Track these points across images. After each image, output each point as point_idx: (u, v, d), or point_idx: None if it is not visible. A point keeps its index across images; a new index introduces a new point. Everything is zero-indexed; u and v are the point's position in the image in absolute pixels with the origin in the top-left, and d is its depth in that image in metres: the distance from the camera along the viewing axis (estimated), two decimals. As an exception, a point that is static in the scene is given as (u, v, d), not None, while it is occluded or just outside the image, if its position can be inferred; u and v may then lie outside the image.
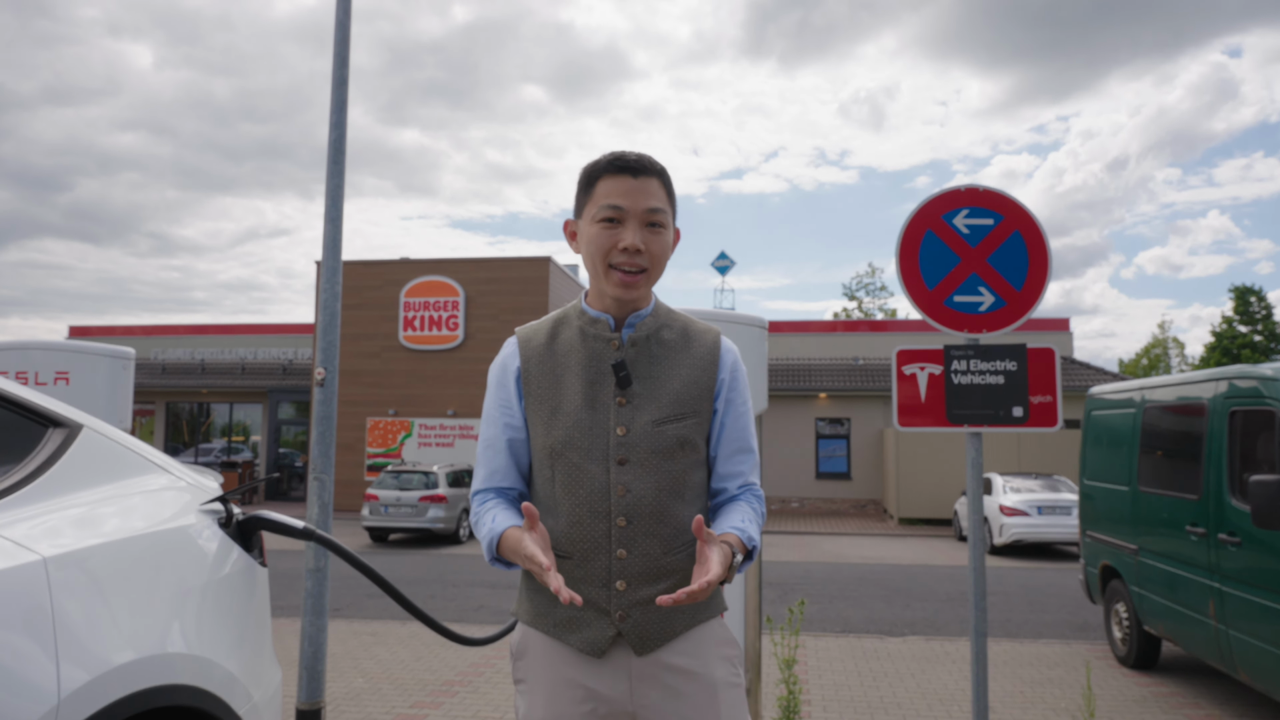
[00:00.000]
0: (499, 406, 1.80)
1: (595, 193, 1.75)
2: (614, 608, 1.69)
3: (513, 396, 1.79)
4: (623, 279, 1.73)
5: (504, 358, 1.83)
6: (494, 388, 1.82)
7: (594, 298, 1.82)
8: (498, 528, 1.68)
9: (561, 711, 1.69)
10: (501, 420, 1.79)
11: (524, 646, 1.77)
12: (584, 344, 1.78)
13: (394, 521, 15.87)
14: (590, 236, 1.74)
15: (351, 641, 7.67)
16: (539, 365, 1.79)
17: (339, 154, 3.90)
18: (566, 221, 1.85)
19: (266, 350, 26.85)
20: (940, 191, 3.54)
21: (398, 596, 2.58)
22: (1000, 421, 3.47)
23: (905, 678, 6.52)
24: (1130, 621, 6.73)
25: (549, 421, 1.74)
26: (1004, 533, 14.58)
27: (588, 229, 1.75)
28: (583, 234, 1.77)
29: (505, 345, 1.86)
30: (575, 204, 1.81)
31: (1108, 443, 7.17)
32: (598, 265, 1.75)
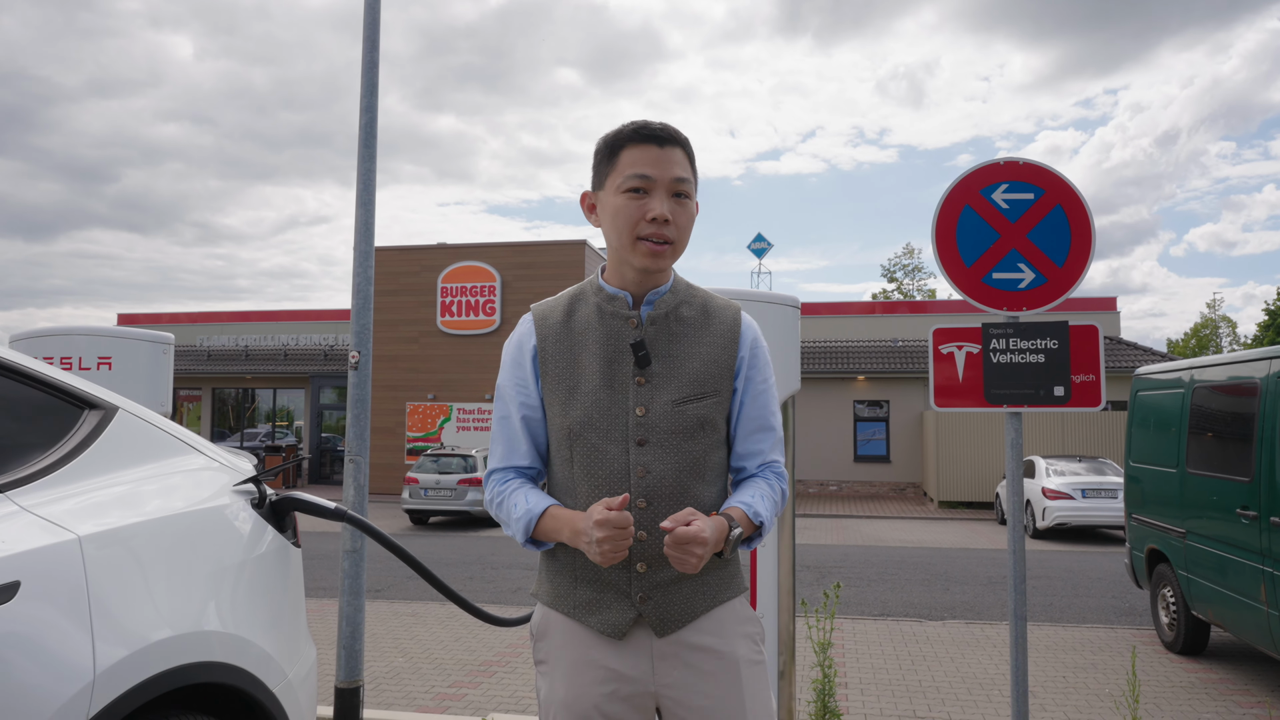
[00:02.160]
0: (515, 385, 1.75)
1: (619, 162, 1.69)
2: (635, 590, 1.68)
3: (529, 376, 1.74)
4: (651, 249, 1.67)
5: (519, 335, 1.78)
6: (509, 366, 1.77)
7: (612, 273, 1.77)
8: (535, 508, 1.66)
9: (583, 692, 1.66)
10: (518, 399, 1.74)
11: (544, 628, 1.75)
12: (601, 322, 1.73)
13: (433, 504, 16.07)
14: (616, 207, 1.68)
15: (392, 622, 7.79)
16: (555, 344, 1.74)
17: (370, 138, 3.91)
18: (584, 194, 1.78)
19: (308, 336, 27.25)
20: (978, 165, 3.45)
21: (430, 577, 2.59)
22: (1041, 401, 3.38)
23: (944, 661, 6.45)
24: (1178, 606, 6.57)
25: (566, 401, 1.70)
26: (1047, 516, 14.34)
27: (612, 199, 1.70)
28: (606, 205, 1.72)
29: (520, 322, 1.81)
30: (594, 175, 1.76)
31: (1155, 424, 6.99)
32: (624, 237, 1.69)
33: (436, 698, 5.51)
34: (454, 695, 5.56)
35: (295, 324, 28.32)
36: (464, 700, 5.45)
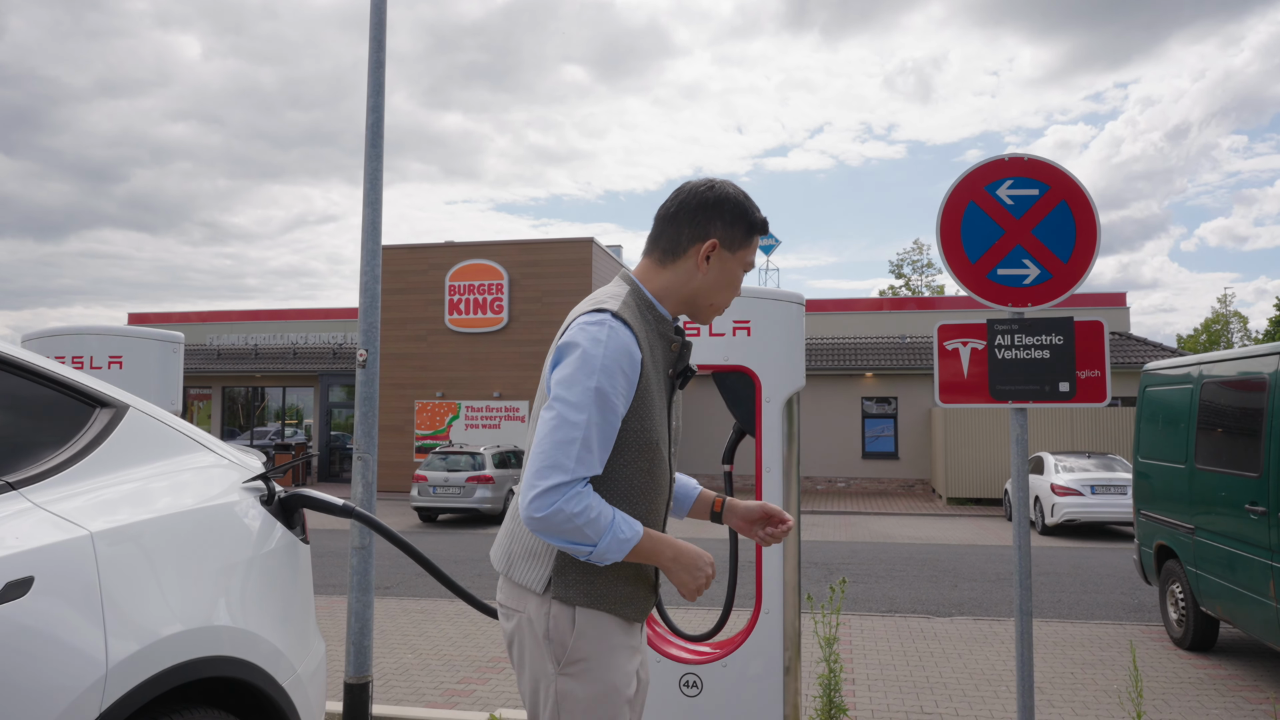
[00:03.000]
0: (622, 395, 1.74)
1: (752, 244, 1.95)
2: (656, 580, 1.93)
3: (632, 386, 1.76)
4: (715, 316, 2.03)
5: (628, 345, 1.75)
6: (618, 374, 1.73)
7: (670, 299, 1.92)
8: (639, 529, 1.75)
9: (626, 670, 1.82)
10: (619, 408, 1.74)
11: (581, 628, 1.78)
12: (661, 340, 1.89)
13: (442, 502, 16.12)
14: (734, 276, 1.94)
15: (401, 618, 7.83)
16: (649, 356, 1.82)
17: (377, 137, 3.93)
18: (714, 242, 1.89)
19: (317, 335, 27.35)
20: (983, 161, 3.45)
21: (438, 573, 2.62)
22: (1046, 397, 3.38)
23: (951, 658, 6.45)
24: (1186, 602, 6.56)
25: (649, 413, 1.81)
26: (1056, 512, 14.31)
27: (734, 269, 1.93)
28: (726, 268, 1.91)
29: (619, 330, 1.75)
30: (725, 235, 1.90)
31: (1164, 420, 6.98)
32: (718, 297, 1.95)
33: (445, 693, 5.55)
34: (462, 691, 5.60)
35: (304, 322, 28.44)
36: (472, 696, 5.49)
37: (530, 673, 1.81)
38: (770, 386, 3.25)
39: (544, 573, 1.79)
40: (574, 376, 1.71)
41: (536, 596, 1.80)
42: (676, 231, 1.90)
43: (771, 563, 3.24)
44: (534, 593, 1.80)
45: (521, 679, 1.85)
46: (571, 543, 1.69)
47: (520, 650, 1.84)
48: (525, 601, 1.81)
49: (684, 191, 1.92)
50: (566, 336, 1.77)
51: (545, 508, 1.65)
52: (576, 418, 1.69)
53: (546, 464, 1.67)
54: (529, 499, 1.67)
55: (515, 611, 1.83)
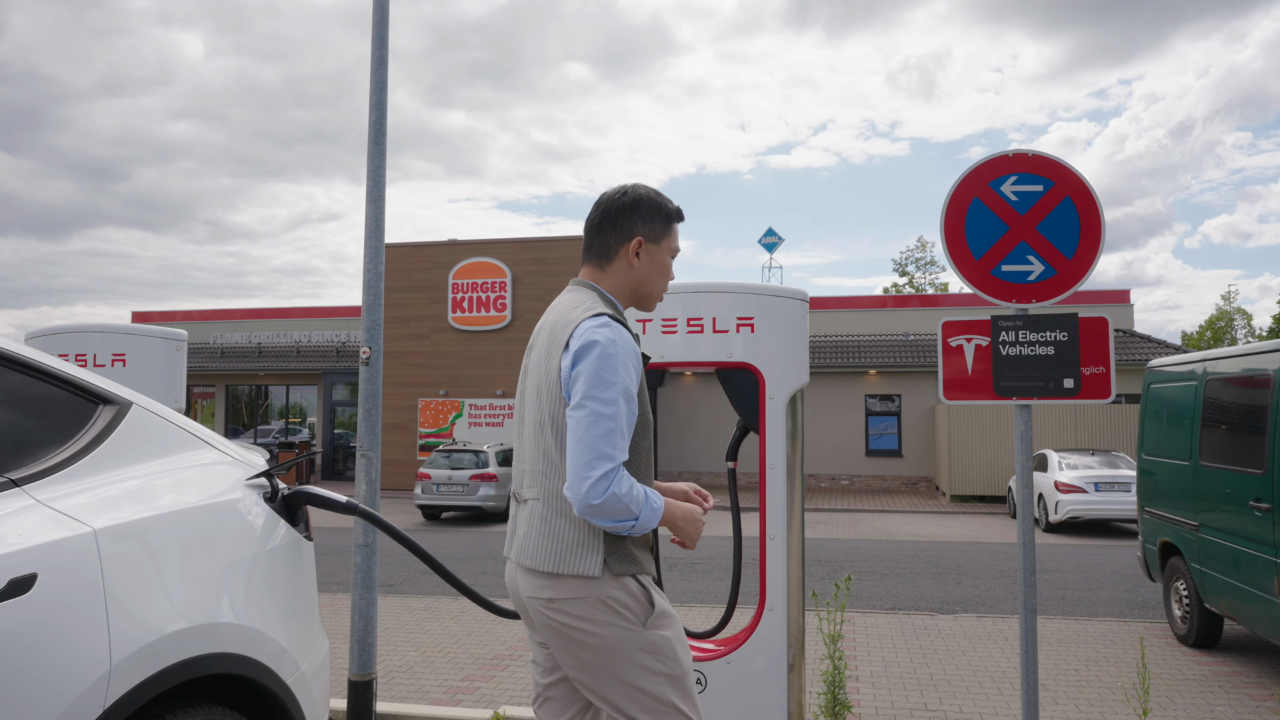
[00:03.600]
0: (637, 385, 2.03)
1: (672, 232, 2.29)
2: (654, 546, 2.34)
3: (641, 376, 2.06)
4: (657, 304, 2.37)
5: (631, 341, 2.04)
6: (633, 370, 2.01)
7: (627, 301, 2.26)
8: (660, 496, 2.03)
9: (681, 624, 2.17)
10: (636, 397, 2.03)
11: (648, 592, 2.07)
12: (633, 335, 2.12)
13: (446, 500, 16.14)
14: (664, 266, 2.27)
15: (405, 616, 7.84)
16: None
17: (380, 135, 3.92)
18: (639, 240, 2.21)
19: (320, 333, 27.39)
20: (987, 157, 3.44)
21: (441, 570, 2.62)
22: (1050, 394, 3.37)
23: (955, 655, 6.45)
24: (1191, 599, 6.55)
25: (645, 399, 2.11)
26: (1060, 510, 14.29)
27: (662, 258, 2.27)
28: (655, 259, 2.25)
29: (621, 331, 2.03)
30: (646, 230, 2.22)
31: (1168, 417, 6.96)
32: (655, 286, 2.27)
33: (449, 691, 5.55)
34: (466, 689, 5.60)
35: (308, 320, 28.46)
36: (476, 693, 5.49)
37: (611, 647, 2.00)
38: (774, 383, 3.25)
39: (598, 558, 2.01)
40: (600, 375, 1.94)
41: (597, 579, 2.00)
42: (605, 238, 2.21)
43: (775, 560, 3.24)
44: (593, 577, 2.00)
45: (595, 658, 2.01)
46: (619, 521, 1.92)
47: (588, 633, 2.00)
48: (587, 587, 2.00)
49: (604, 202, 2.23)
50: (582, 339, 1.98)
51: (602, 493, 1.87)
52: (610, 410, 1.92)
53: (594, 455, 1.89)
54: (585, 488, 1.87)
55: (574, 600, 2.00)
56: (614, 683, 2.02)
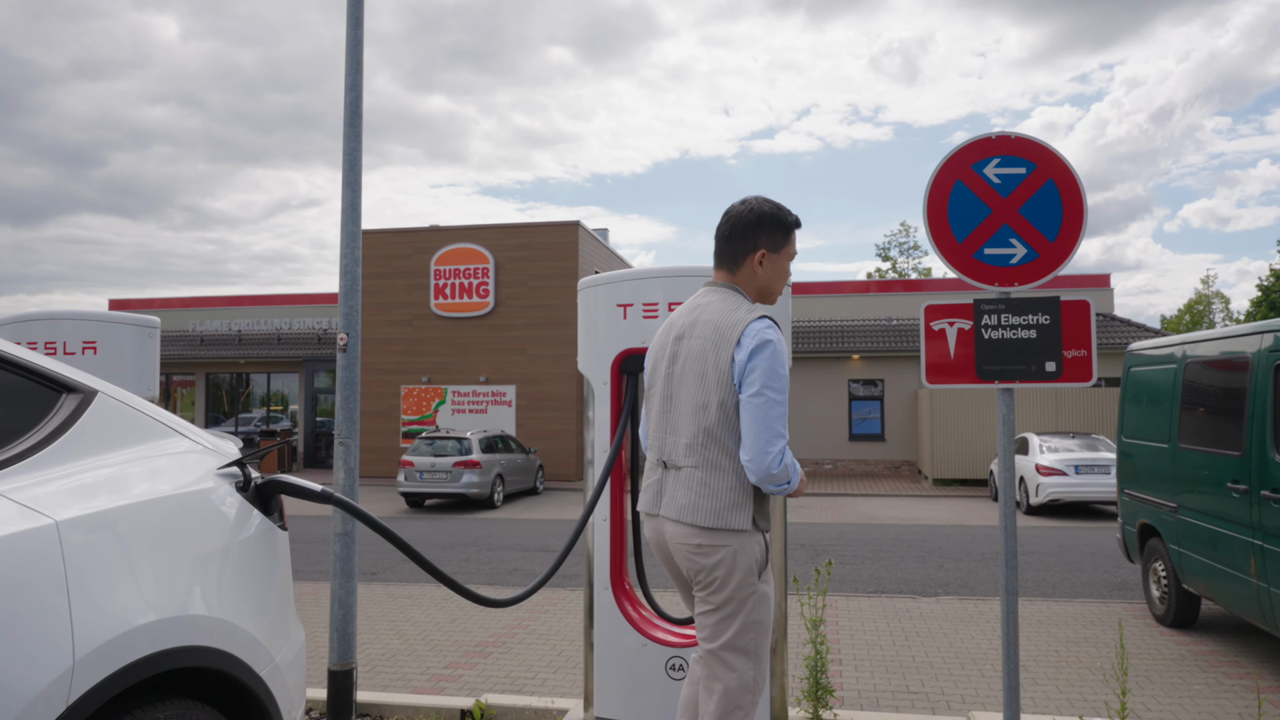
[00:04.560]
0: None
1: (791, 241, 2.67)
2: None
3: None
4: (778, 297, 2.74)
5: (784, 340, 2.51)
6: (787, 363, 2.48)
7: (753, 298, 2.65)
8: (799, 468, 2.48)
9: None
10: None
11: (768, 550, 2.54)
12: None
13: (429, 487, 16.08)
14: (784, 271, 2.67)
15: (388, 604, 7.80)
16: None
17: (356, 118, 3.85)
18: (763, 252, 2.62)
19: (301, 320, 27.15)
20: (970, 140, 3.41)
21: (419, 559, 2.58)
22: (1033, 377, 3.36)
23: (938, 637, 6.49)
24: (1169, 580, 6.61)
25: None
26: (1040, 492, 14.41)
27: (782, 265, 2.66)
28: (776, 265, 2.64)
29: (779, 334, 2.47)
30: (769, 242, 2.62)
31: (1147, 400, 7.00)
32: (777, 287, 2.67)
33: (432, 679, 5.53)
34: (450, 676, 5.58)
35: (289, 308, 28.23)
36: (460, 681, 5.47)
37: (735, 588, 2.44)
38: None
39: (749, 514, 2.45)
40: (774, 369, 2.39)
41: (745, 533, 2.45)
42: (733, 248, 2.62)
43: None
44: (744, 530, 2.45)
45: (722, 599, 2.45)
46: (782, 485, 2.40)
47: (725, 574, 2.44)
48: (734, 538, 2.44)
49: (732, 216, 2.64)
50: (754, 339, 2.42)
51: (779, 463, 2.35)
52: (781, 398, 2.38)
53: (774, 434, 2.36)
54: (768, 461, 2.35)
55: (721, 547, 2.44)
56: (725, 619, 2.46)
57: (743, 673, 2.44)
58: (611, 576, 3.38)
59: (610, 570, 3.38)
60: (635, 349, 3.33)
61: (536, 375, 21.87)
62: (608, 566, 3.37)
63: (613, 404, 3.37)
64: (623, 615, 3.32)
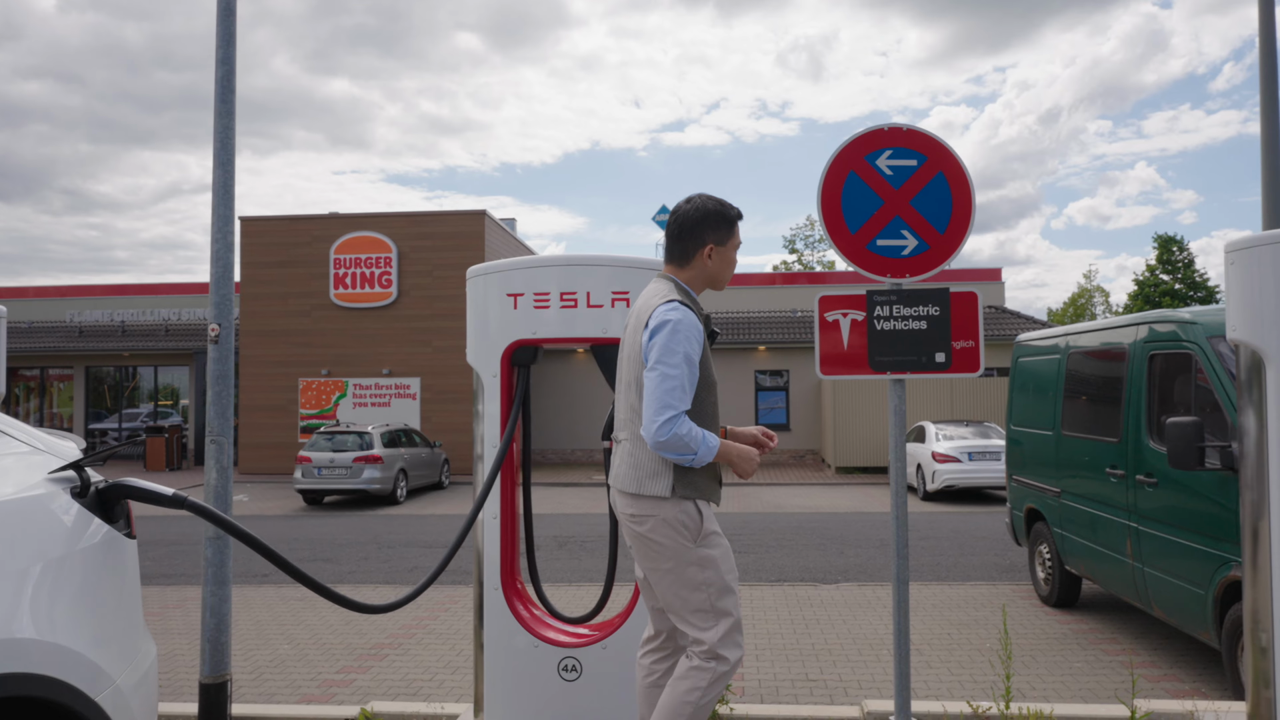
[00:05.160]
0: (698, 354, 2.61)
1: (735, 232, 2.87)
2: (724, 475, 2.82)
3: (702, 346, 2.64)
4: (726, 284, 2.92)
5: (694, 319, 2.64)
6: (694, 340, 2.60)
7: (694, 285, 2.83)
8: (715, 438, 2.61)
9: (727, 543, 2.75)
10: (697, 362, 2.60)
11: (705, 514, 2.67)
12: (701, 317, 2.71)
13: (327, 484, 15.53)
14: (730, 260, 2.87)
15: (280, 608, 7.47)
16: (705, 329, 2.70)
17: (228, 92, 3.60)
18: (710, 244, 2.81)
19: (191, 310, 25.88)
20: (864, 131, 3.42)
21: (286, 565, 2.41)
22: (923, 368, 3.40)
23: (836, 624, 6.59)
24: (1053, 562, 6.89)
25: (709, 365, 2.72)
26: (936, 479, 14.92)
27: (729, 255, 2.86)
28: (724, 256, 2.84)
29: (687, 311, 2.62)
30: (715, 236, 2.81)
31: (1033, 389, 7.28)
32: (725, 275, 2.86)
33: (322, 684, 5.29)
34: (341, 681, 5.35)
35: (177, 297, 26.85)
36: (352, 686, 5.25)
37: (671, 555, 2.61)
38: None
39: (668, 482, 2.61)
40: (668, 345, 2.54)
41: (667, 500, 2.60)
42: (683, 245, 2.80)
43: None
44: (664, 498, 2.60)
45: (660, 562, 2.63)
46: (681, 454, 2.52)
47: (657, 543, 2.61)
48: (658, 506, 2.61)
49: (679, 214, 2.82)
50: (655, 320, 2.59)
51: (667, 433, 2.48)
52: (675, 372, 2.52)
53: (662, 405, 2.49)
54: (655, 428, 2.49)
55: (649, 516, 2.61)
56: (673, 584, 2.62)
57: (708, 634, 2.59)
58: (502, 575, 3.26)
59: (500, 568, 3.26)
60: (526, 340, 3.22)
61: (442, 367, 21.40)
62: (498, 565, 3.25)
63: (503, 397, 3.24)
64: (513, 615, 3.21)
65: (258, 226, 22.37)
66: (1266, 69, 9.39)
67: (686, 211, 2.80)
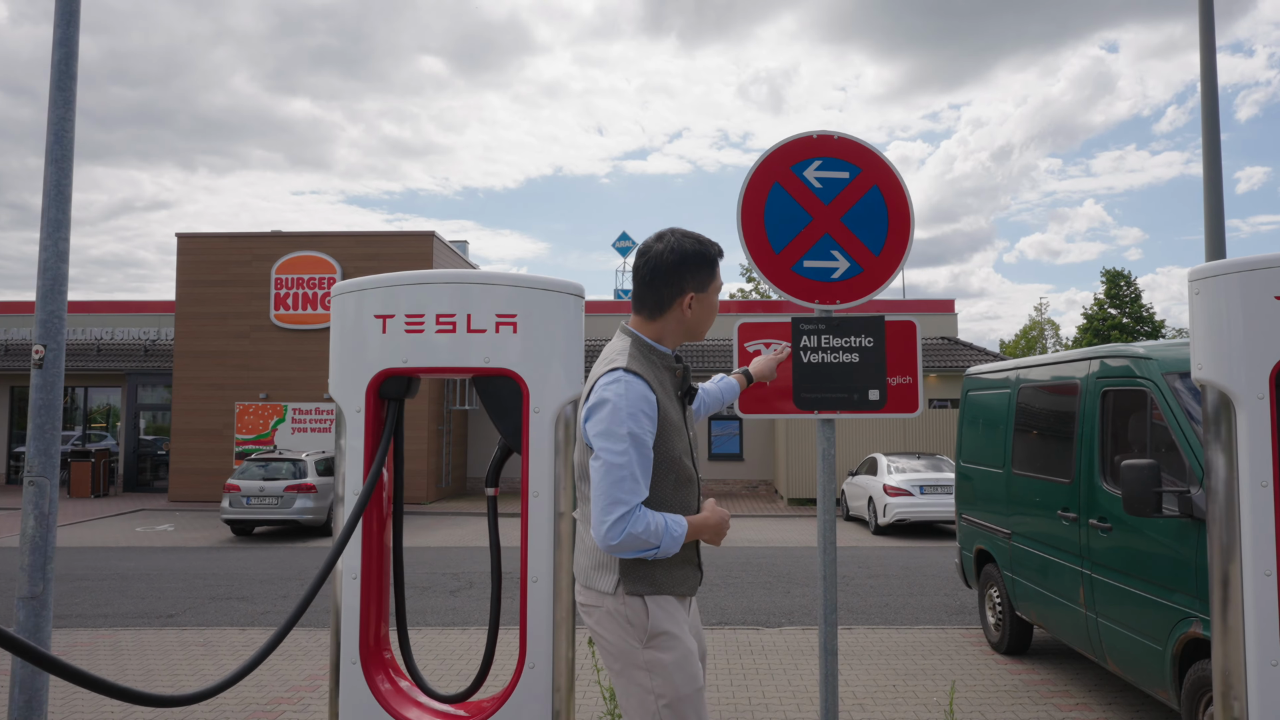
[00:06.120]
0: (648, 433, 2.20)
1: (717, 274, 2.40)
2: (700, 561, 2.43)
3: (654, 421, 2.22)
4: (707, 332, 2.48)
5: (642, 391, 2.21)
6: (642, 417, 2.19)
7: (668, 338, 2.40)
8: (683, 521, 2.25)
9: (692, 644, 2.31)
10: (649, 443, 2.21)
11: (652, 611, 2.26)
12: (669, 374, 2.36)
13: (257, 514, 14.76)
14: (713, 306, 2.41)
15: (177, 654, 6.84)
16: (661, 395, 2.27)
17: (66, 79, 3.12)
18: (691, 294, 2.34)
19: (125, 330, 24.85)
20: (790, 138, 3.04)
21: (54, 667, 1.91)
22: (854, 406, 3.01)
23: (777, 674, 6.16)
24: (1003, 607, 6.54)
25: (667, 437, 2.28)
26: (888, 513, 14.62)
27: (711, 301, 2.40)
28: (706, 303, 2.38)
29: (634, 381, 2.21)
30: (696, 283, 2.34)
31: (983, 424, 6.96)
32: (706, 324, 2.42)
33: (197, 751, 4.72)
34: (220, 747, 4.78)
35: (111, 316, 25.76)
36: (230, 753, 4.68)
37: (618, 655, 2.29)
38: (540, 394, 2.69)
39: (614, 577, 2.27)
40: (609, 428, 2.16)
41: (610, 595, 2.27)
42: (657, 294, 2.34)
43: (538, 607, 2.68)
44: (607, 593, 2.27)
45: (609, 661, 2.33)
46: (641, 552, 2.19)
47: (604, 638, 2.31)
48: (603, 600, 2.28)
49: (650, 256, 2.34)
50: (593, 397, 2.21)
51: (619, 535, 2.13)
52: (621, 460, 2.14)
53: (610, 501, 2.14)
54: (603, 531, 2.14)
55: (594, 608, 2.31)
56: (623, 685, 2.31)
57: None
58: (362, 646, 2.77)
59: (360, 638, 2.76)
60: (396, 369, 2.75)
61: (386, 392, 20.70)
62: (356, 633, 2.76)
63: (367, 434, 2.77)
64: (373, 694, 2.72)
65: (195, 244, 21.57)
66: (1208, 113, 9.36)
67: (660, 253, 2.31)
